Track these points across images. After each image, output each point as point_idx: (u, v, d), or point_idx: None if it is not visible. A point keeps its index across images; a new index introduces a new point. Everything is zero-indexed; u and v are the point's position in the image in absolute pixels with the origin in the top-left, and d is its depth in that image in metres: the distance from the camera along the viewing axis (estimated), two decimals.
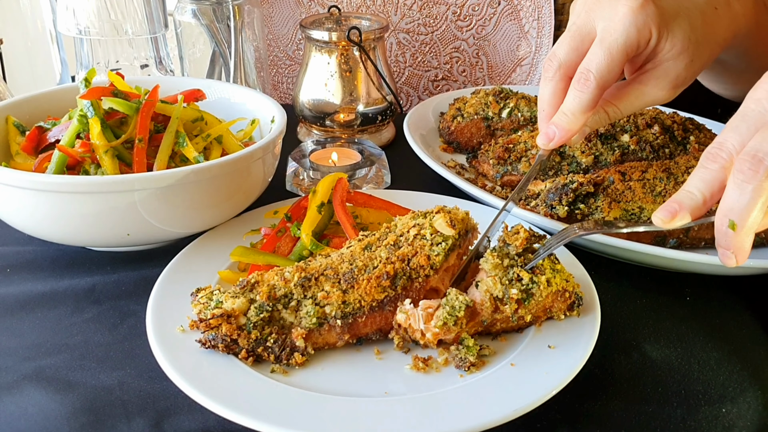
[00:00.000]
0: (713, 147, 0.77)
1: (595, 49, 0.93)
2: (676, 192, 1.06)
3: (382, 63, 1.52)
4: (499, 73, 1.83)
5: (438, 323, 0.82)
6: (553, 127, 0.96)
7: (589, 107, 0.94)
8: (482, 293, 0.85)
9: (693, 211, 0.77)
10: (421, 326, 0.83)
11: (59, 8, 1.41)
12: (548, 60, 0.98)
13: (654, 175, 1.10)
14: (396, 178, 1.37)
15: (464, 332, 0.84)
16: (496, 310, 0.84)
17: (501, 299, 0.84)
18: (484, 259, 0.87)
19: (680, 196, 0.77)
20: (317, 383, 0.80)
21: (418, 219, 0.92)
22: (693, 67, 0.98)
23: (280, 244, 1.03)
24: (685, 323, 0.97)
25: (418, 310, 0.83)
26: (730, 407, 0.83)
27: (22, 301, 0.98)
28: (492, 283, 0.84)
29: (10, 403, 0.80)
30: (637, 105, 1.00)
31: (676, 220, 0.77)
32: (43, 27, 1.79)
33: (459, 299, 0.83)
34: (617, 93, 1.00)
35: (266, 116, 1.23)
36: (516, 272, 0.85)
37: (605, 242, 1.03)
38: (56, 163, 1.03)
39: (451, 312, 0.82)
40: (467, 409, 0.75)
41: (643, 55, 0.96)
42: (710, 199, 0.77)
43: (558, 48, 0.97)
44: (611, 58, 0.92)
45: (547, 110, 0.98)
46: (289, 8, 1.82)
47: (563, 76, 0.97)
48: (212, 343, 0.82)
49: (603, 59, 0.92)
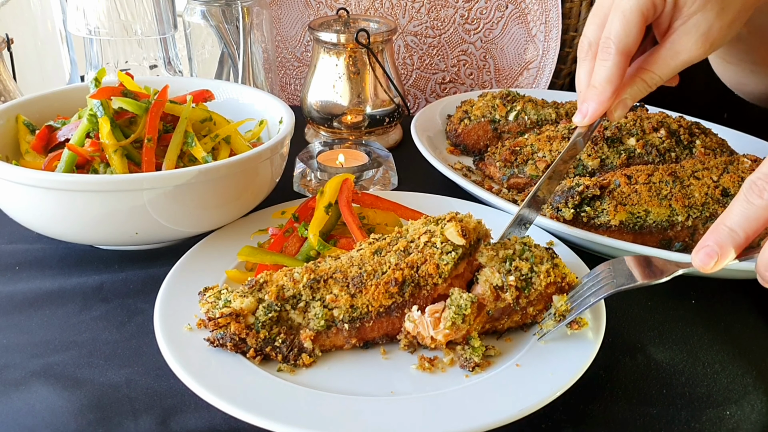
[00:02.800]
0: (758, 179, 0.72)
1: (612, 17, 0.93)
2: (682, 193, 1.07)
3: (390, 65, 1.53)
4: (507, 76, 1.83)
5: (447, 324, 0.82)
6: (586, 103, 0.96)
7: (616, 76, 0.93)
8: (482, 284, 0.86)
9: (736, 251, 0.73)
10: (431, 332, 0.83)
11: (69, 8, 1.42)
12: (580, 43, 0.98)
13: (660, 179, 1.10)
14: (403, 179, 1.37)
15: (473, 330, 0.84)
16: (498, 299, 0.85)
17: (501, 287, 0.85)
18: (479, 254, 0.89)
19: (721, 236, 0.73)
20: (324, 382, 0.81)
21: (430, 225, 0.91)
22: (726, 16, 0.93)
23: (287, 244, 1.04)
24: (689, 326, 0.97)
25: (426, 317, 0.83)
26: (735, 410, 0.83)
27: (31, 298, 0.98)
28: (490, 273, 0.86)
29: (17, 399, 0.80)
30: (672, 66, 0.96)
31: (718, 266, 0.74)
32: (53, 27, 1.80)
33: (464, 297, 0.83)
34: (650, 58, 0.97)
35: (274, 117, 1.23)
36: (515, 264, 0.86)
37: (610, 245, 1.03)
38: (66, 161, 1.04)
39: (458, 311, 0.82)
40: (473, 409, 0.75)
41: (666, 14, 0.94)
42: (753, 236, 0.73)
43: (586, 29, 0.98)
44: (626, 21, 0.91)
45: (582, 89, 0.98)
46: (297, 10, 1.83)
47: (595, 54, 0.96)
48: (221, 342, 0.83)
49: (618, 24, 0.91)
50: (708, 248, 0.74)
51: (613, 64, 0.93)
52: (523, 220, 0.99)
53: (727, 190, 1.10)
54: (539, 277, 0.86)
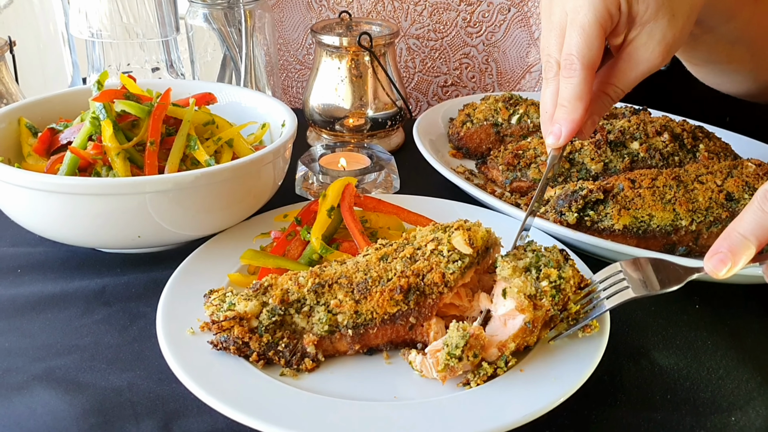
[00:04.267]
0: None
1: (569, 32, 0.91)
2: (686, 198, 1.07)
3: (392, 68, 1.53)
4: (509, 79, 1.83)
5: (440, 368, 0.80)
6: (557, 124, 0.92)
7: (584, 91, 0.90)
8: (516, 297, 0.82)
9: (748, 257, 0.74)
10: (434, 375, 0.81)
11: (72, 11, 1.42)
12: (545, 62, 0.96)
13: (664, 183, 1.10)
14: (405, 183, 1.37)
15: (503, 351, 0.82)
16: (536, 308, 0.82)
17: (535, 295, 0.83)
18: (499, 268, 0.86)
19: (734, 243, 0.74)
20: (327, 387, 0.81)
21: (438, 233, 0.91)
22: (677, 22, 0.93)
23: (290, 248, 1.04)
24: (694, 330, 0.97)
25: (428, 359, 0.82)
26: (740, 415, 0.82)
27: (33, 301, 0.98)
28: (522, 284, 0.83)
29: (19, 403, 0.80)
30: (633, 77, 0.95)
31: (731, 272, 0.74)
32: (55, 29, 1.80)
33: (456, 335, 0.80)
34: (611, 72, 0.96)
35: (277, 120, 1.23)
36: (543, 272, 0.84)
37: (614, 249, 1.03)
38: (68, 164, 1.03)
39: (451, 352, 0.79)
40: (476, 415, 0.75)
41: (621, 25, 0.93)
42: (765, 243, 0.73)
43: (549, 47, 0.95)
44: (586, 35, 0.89)
45: (549, 111, 0.95)
46: (299, 13, 1.83)
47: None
48: (224, 345, 0.82)
49: (579, 39, 0.89)
50: (721, 254, 0.74)
51: (581, 80, 0.90)
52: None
53: (732, 195, 1.10)
54: (567, 281, 0.84)
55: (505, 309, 0.84)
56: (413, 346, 0.87)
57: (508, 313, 0.83)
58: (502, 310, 0.84)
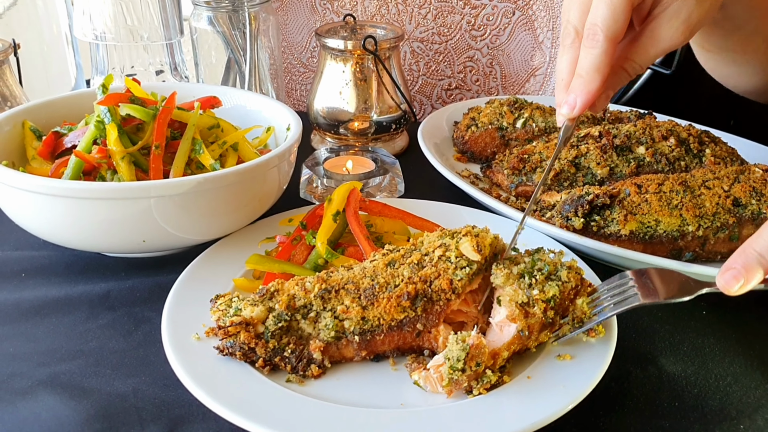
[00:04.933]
0: None
1: (596, 2, 0.89)
2: (693, 203, 1.07)
3: (397, 72, 1.52)
4: (513, 83, 1.82)
5: (444, 383, 0.79)
6: (573, 94, 0.91)
7: (604, 63, 0.89)
8: (508, 305, 0.83)
9: (761, 277, 0.73)
10: (440, 389, 0.80)
11: (76, 13, 1.41)
12: (564, 28, 0.94)
13: (671, 188, 1.10)
14: (409, 186, 1.37)
15: (497, 362, 0.81)
16: (528, 315, 0.82)
17: (527, 303, 0.82)
18: (493, 276, 0.86)
19: (749, 260, 0.73)
20: (333, 393, 0.80)
21: (445, 239, 0.90)
22: (704, 4, 0.92)
23: (295, 252, 1.03)
24: (701, 337, 0.96)
25: (432, 373, 0.81)
26: (748, 423, 0.82)
27: (37, 306, 0.98)
28: (513, 292, 0.83)
29: (24, 409, 0.80)
30: (653, 54, 0.95)
31: (743, 289, 0.74)
32: (59, 32, 1.80)
33: (455, 348, 0.79)
34: (631, 47, 0.95)
35: (281, 124, 1.23)
36: (536, 278, 0.84)
37: (620, 254, 1.02)
38: (72, 168, 1.03)
39: (453, 366, 0.78)
40: (483, 422, 0.74)
41: (648, 0, 0.92)
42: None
43: (570, 14, 0.93)
44: (614, 6, 0.88)
45: (566, 79, 0.93)
46: (304, 16, 1.83)
47: (580, 41, 0.92)
48: (230, 351, 0.82)
49: (606, 10, 0.88)
50: (734, 271, 0.74)
51: (602, 51, 0.89)
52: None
53: (739, 200, 1.09)
54: (561, 285, 0.84)
55: (500, 317, 0.84)
56: (420, 353, 0.86)
57: (502, 321, 0.83)
58: (498, 317, 0.84)
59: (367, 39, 1.43)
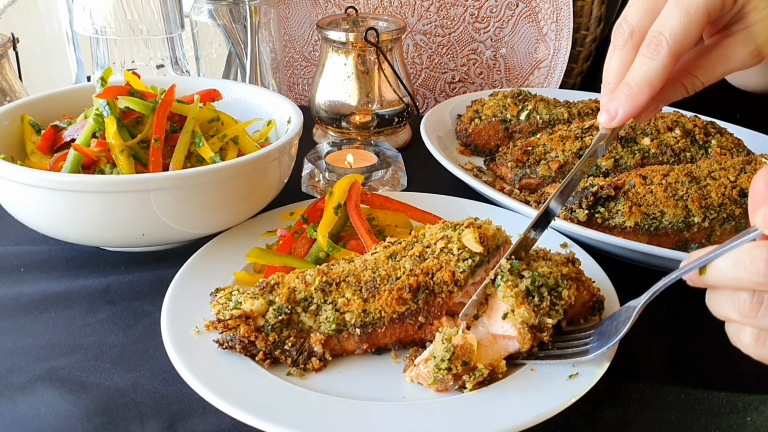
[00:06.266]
0: None
1: (670, 9, 0.79)
2: (699, 194, 1.05)
3: (399, 64, 1.51)
4: (517, 75, 1.81)
5: (429, 381, 0.78)
6: (616, 103, 0.83)
7: (659, 77, 0.80)
8: (519, 327, 0.79)
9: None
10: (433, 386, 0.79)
11: (76, 8, 1.41)
12: (618, 26, 0.85)
13: (676, 179, 1.08)
14: (412, 180, 1.36)
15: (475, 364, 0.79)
16: (535, 339, 0.80)
17: (538, 327, 0.80)
18: (502, 293, 0.81)
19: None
20: (334, 387, 0.79)
21: (447, 231, 0.89)
22: None
23: (296, 246, 1.02)
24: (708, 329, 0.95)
25: (422, 369, 0.79)
26: (756, 416, 0.81)
27: (36, 300, 0.97)
28: (527, 314, 0.79)
29: (23, 403, 0.79)
30: (719, 73, 0.86)
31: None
32: (59, 27, 1.79)
33: (440, 347, 0.78)
34: (696, 60, 0.86)
35: (282, 117, 1.22)
36: (542, 296, 0.81)
37: (625, 246, 1.01)
38: (71, 162, 1.02)
39: (439, 365, 0.77)
40: (487, 415, 0.73)
41: (729, 15, 0.83)
42: None
43: (629, 12, 0.84)
44: (689, 19, 0.78)
45: (612, 83, 0.85)
46: (305, 9, 1.82)
47: (636, 45, 0.83)
48: (230, 344, 0.81)
49: (678, 21, 0.78)
50: None
51: (661, 65, 0.80)
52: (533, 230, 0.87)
53: (745, 191, 1.08)
54: (569, 300, 0.81)
55: (502, 330, 0.82)
56: (422, 346, 0.85)
57: (504, 336, 0.81)
58: (498, 330, 0.82)
59: (369, 31, 1.42)
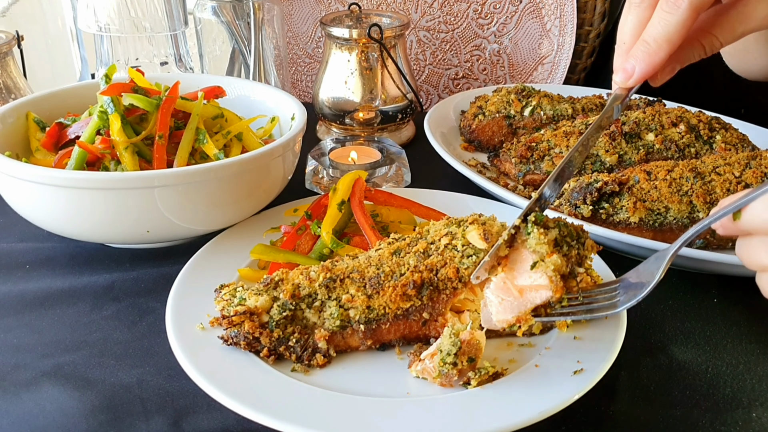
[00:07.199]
0: None
1: None
2: (703, 189, 1.05)
3: (403, 61, 1.51)
4: (521, 71, 1.81)
5: (434, 375, 0.78)
6: (632, 61, 0.80)
7: (679, 33, 0.78)
8: (552, 275, 0.77)
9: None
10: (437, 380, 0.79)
11: (80, 6, 1.41)
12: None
13: (680, 175, 1.08)
14: (416, 176, 1.36)
15: (479, 361, 0.79)
16: (568, 290, 0.78)
17: (568, 275, 0.78)
18: (534, 240, 0.78)
19: None
20: (338, 383, 0.79)
21: (452, 227, 0.88)
22: None
23: (300, 242, 1.02)
24: (712, 325, 0.95)
25: (428, 363, 0.80)
26: (761, 411, 0.81)
27: (41, 297, 0.97)
28: (560, 262, 0.78)
29: (28, 400, 0.79)
30: (739, 33, 0.84)
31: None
32: (63, 24, 1.79)
33: (447, 342, 0.78)
34: (715, 19, 0.84)
35: (286, 114, 1.22)
36: (580, 252, 0.80)
37: (629, 242, 1.01)
38: (76, 159, 1.02)
39: (444, 359, 0.77)
40: (492, 411, 0.73)
41: None
42: None
43: None
44: None
45: (628, 42, 0.82)
46: (308, 6, 1.82)
47: (653, 2, 0.80)
48: (234, 340, 0.81)
49: None
50: None
51: (680, 20, 0.77)
52: (543, 198, 0.83)
53: (750, 186, 1.07)
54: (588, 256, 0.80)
55: (530, 281, 0.79)
56: (426, 342, 0.85)
57: (532, 286, 0.79)
58: (526, 280, 0.79)
59: (372, 27, 1.42)
